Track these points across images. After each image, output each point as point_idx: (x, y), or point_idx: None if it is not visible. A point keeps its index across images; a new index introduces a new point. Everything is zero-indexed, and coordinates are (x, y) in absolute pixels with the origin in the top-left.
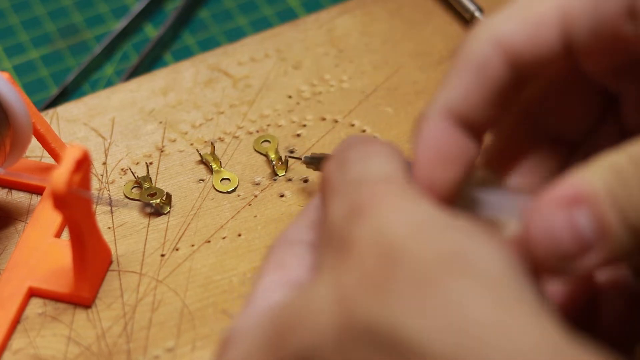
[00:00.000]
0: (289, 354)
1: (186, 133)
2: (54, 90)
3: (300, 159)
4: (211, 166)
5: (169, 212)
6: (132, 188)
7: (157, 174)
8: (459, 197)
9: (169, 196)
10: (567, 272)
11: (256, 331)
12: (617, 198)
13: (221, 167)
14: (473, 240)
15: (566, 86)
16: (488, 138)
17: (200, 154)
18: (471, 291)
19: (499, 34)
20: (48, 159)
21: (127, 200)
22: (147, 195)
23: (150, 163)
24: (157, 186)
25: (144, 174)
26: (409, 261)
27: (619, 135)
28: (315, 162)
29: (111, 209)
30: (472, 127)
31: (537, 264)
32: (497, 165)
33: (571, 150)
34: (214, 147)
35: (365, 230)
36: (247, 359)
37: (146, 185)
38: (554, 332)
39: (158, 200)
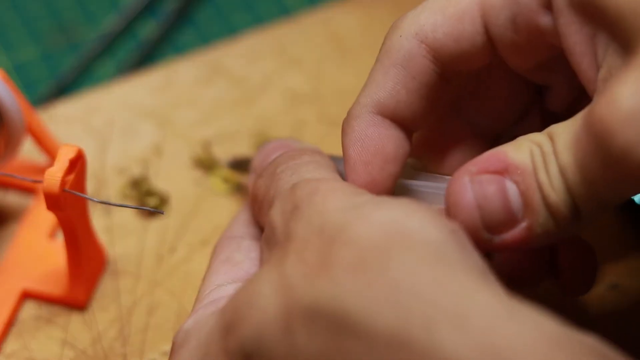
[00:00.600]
0: (237, 345)
1: (184, 132)
2: (51, 89)
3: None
4: (208, 167)
5: (163, 212)
6: (131, 188)
7: (155, 174)
8: (393, 190)
9: (165, 196)
10: (491, 245)
11: (207, 326)
12: (539, 175)
13: (218, 167)
14: (409, 214)
15: (491, 79)
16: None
17: (196, 156)
18: (410, 262)
19: (421, 28)
20: (43, 159)
21: (123, 200)
22: (145, 196)
23: (148, 163)
24: (154, 188)
25: (141, 173)
26: (346, 241)
27: (541, 125)
28: (238, 165)
29: (107, 210)
30: (402, 122)
31: (467, 232)
32: (425, 156)
33: (496, 142)
34: (210, 148)
35: (302, 221)
36: (199, 355)
37: (144, 186)
38: (497, 292)
39: (153, 204)
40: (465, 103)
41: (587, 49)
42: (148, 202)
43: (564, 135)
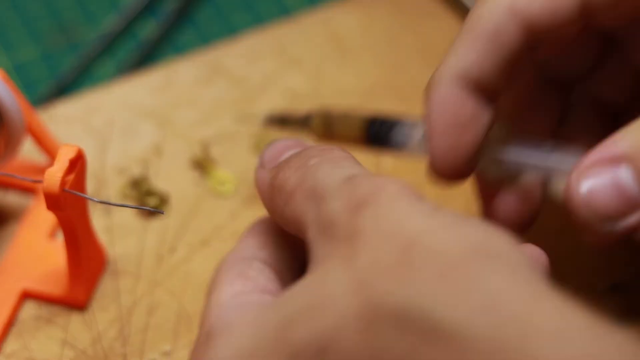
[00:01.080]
0: (301, 345)
1: (184, 132)
2: (51, 89)
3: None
4: (206, 168)
5: (163, 213)
6: (131, 188)
7: (155, 174)
8: (479, 159)
9: (165, 196)
10: (612, 233)
11: (254, 323)
12: None
13: (218, 168)
14: (489, 232)
15: (577, 38)
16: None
17: (194, 157)
18: (499, 274)
19: (514, 0)
20: (43, 159)
21: (123, 200)
22: (145, 196)
23: (148, 163)
24: (154, 188)
25: (141, 173)
26: (429, 247)
27: (621, 75)
28: (277, 121)
29: (107, 210)
30: (485, 91)
31: (582, 227)
32: (512, 120)
33: (571, 90)
34: (208, 149)
35: (372, 220)
36: (245, 354)
37: (144, 186)
38: (580, 314)
39: (152, 204)
40: (541, 57)
41: None
42: (148, 202)
43: None
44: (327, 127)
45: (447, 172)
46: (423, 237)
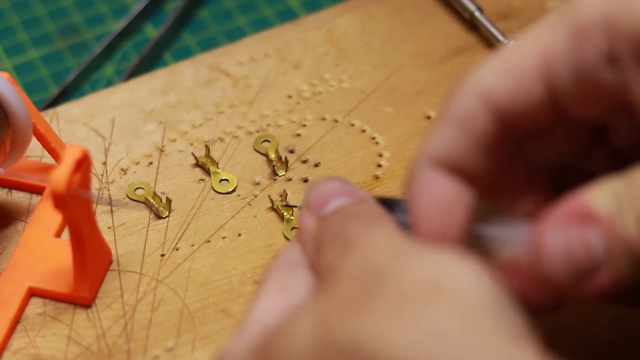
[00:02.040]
0: None
1: (186, 133)
2: (54, 90)
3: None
4: (208, 168)
5: (167, 216)
6: (135, 189)
7: (157, 174)
8: (463, 236)
9: (169, 200)
10: (576, 291)
11: (244, 354)
12: (619, 222)
13: (219, 168)
14: (451, 267)
15: (552, 125)
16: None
17: (195, 157)
18: (442, 312)
19: (482, 86)
20: (48, 159)
21: (127, 200)
22: (148, 195)
23: (151, 163)
24: (157, 187)
25: (144, 173)
26: (389, 284)
27: (609, 159)
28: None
29: (111, 209)
30: (464, 173)
31: (548, 281)
32: (493, 199)
33: (561, 175)
34: (209, 149)
35: (352, 259)
36: None
37: (147, 186)
38: (527, 352)
39: (156, 204)
40: (526, 146)
41: None
42: (151, 201)
43: None
44: None
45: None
46: (387, 270)
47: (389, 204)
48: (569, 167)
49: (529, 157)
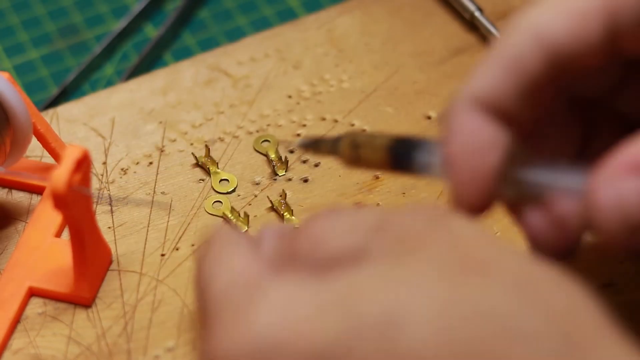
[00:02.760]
0: None
1: (186, 133)
2: (54, 90)
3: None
4: (208, 168)
5: (167, 211)
6: (214, 203)
7: (157, 174)
8: (503, 181)
9: (168, 196)
10: (630, 245)
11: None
12: None
13: (219, 168)
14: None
15: (603, 64)
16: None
17: (195, 157)
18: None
19: (539, 27)
20: (48, 159)
21: (127, 199)
22: (149, 195)
23: (151, 163)
24: (157, 187)
25: (144, 173)
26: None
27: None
28: (311, 145)
29: (111, 209)
30: (505, 116)
31: (604, 235)
32: (529, 136)
33: (594, 109)
34: (209, 149)
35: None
36: None
37: (147, 185)
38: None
39: (234, 219)
40: (568, 87)
41: None
42: (229, 216)
43: None
44: (354, 150)
45: (469, 200)
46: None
47: (412, 145)
48: (597, 106)
49: (564, 92)
